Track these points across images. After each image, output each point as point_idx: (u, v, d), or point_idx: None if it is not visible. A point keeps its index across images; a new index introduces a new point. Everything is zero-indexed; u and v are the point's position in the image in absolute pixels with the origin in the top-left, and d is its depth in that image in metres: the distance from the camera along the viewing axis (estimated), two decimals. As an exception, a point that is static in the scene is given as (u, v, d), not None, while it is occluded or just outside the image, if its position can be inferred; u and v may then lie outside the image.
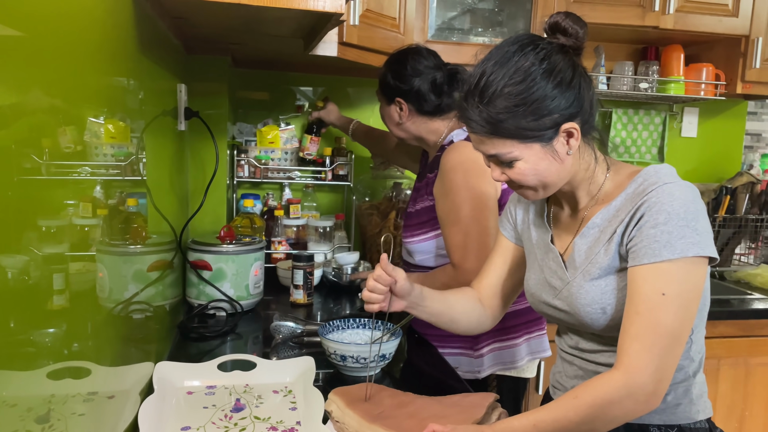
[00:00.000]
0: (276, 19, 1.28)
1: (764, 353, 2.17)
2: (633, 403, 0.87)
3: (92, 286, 0.90)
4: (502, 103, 0.92)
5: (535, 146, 0.95)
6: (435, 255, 1.61)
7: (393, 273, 1.07)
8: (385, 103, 1.65)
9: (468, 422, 0.96)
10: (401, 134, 1.65)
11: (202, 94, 1.91)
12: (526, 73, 0.92)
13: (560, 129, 0.94)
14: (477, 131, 0.96)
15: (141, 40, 1.13)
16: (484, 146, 0.98)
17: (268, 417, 1.11)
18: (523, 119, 0.92)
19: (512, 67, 0.93)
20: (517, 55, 0.93)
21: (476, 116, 0.95)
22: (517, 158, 0.95)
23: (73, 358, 0.80)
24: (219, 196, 1.98)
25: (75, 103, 0.78)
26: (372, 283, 1.08)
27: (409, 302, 1.11)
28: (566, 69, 0.94)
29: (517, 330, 1.60)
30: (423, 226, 1.61)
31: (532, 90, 0.92)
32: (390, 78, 1.60)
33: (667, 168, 0.98)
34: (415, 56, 1.58)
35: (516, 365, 1.61)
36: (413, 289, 1.12)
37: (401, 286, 1.09)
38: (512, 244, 1.19)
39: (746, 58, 2.35)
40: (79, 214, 0.85)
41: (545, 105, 0.92)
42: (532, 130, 0.93)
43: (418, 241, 1.62)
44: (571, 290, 1.01)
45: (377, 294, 1.08)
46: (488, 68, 0.94)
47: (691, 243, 0.89)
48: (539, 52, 0.94)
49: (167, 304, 1.52)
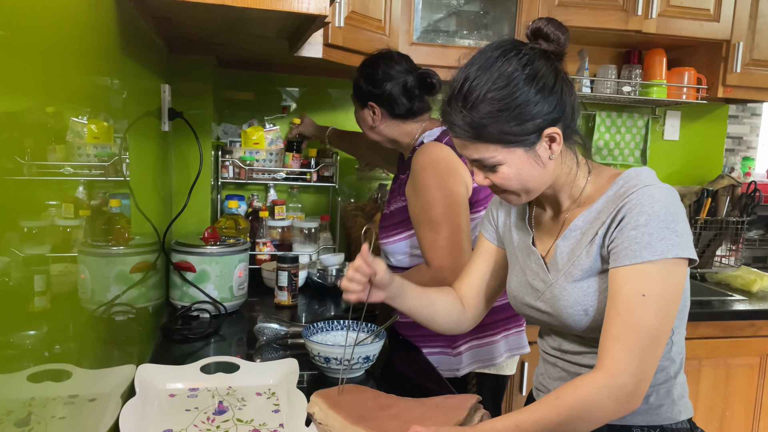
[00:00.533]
0: (260, 20, 1.28)
1: (745, 354, 2.20)
2: (614, 404, 0.88)
3: (74, 287, 0.89)
4: (486, 108, 0.93)
5: (518, 151, 0.95)
6: (409, 255, 1.62)
7: (373, 264, 1.07)
8: (358, 107, 1.67)
9: (450, 424, 0.96)
10: (375, 137, 1.67)
11: (187, 94, 1.90)
12: (509, 79, 0.93)
13: (543, 134, 0.95)
14: (460, 136, 0.97)
15: (123, 40, 1.12)
16: (467, 151, 0.98)
17: (251, 419, 1.11)
18: (506, 124, 0.93)
19: (495, 73, 0.93)
20: (500, 60, 0.94)
21: (460, 121, 0.95)
22: (501, 163, 0.96)
23: (53, 361, 0.79)
24: (203, 197, 1.97)
25: (56, 103, 0.78)
26: (351, 273, 1.08)
27: (388, 293, 1.11)
28: (548, 74, 0.95)
29: (495, 327, 1.61)
30: (397, 226, 1.62)
31: (515, 95, 0.92)
32: (363, 82, 1.61)
33: (647, 171, 0.99)
34: (387, 61, 1.59)
35: (495, 362, 1.61)
36: (393, 280, 1.12)
37: (381, 277, 1.08)
38: (494, 246, 1.20)
39: (727, 62, 2.38)
40: (62, 214, 0.84)
41: (528, 110, 0.93)
42: (515, 134, 0.94)
43: (393, 242, 1.63)
44: (553, 292, 1.02)
45: (356, 284, 1.08)
46: (471, 73, 0.95)
47: (671, 245, 0.90)
48: (522, 58, 0.94)
49: (150, 306, 1.51)
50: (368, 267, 1.07)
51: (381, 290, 1.10)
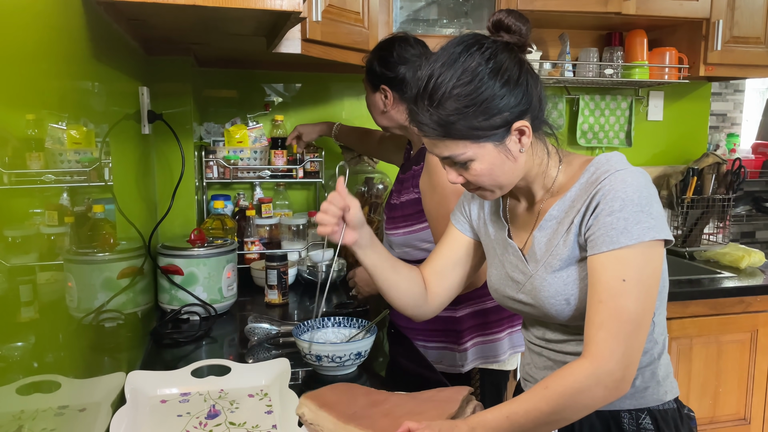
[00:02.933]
0: (235, 19, 1.26)
1: (735, 330, 2.22)
2: (602, 390, 0.88)
3: (61, 296, 0.88)
4: (452, 105, 0.92)
5: (488, 146, 0.95)
6: (417, 249, 1.60)
7: (347, 198, 1.08)
8: (370, 90, 1.64)
9: (442, 417, 0.96)
10: (385, 122, 1.64)
11: (166, 95, 1.88)
12: (474, 74, 0.92)
13: (512, 128, 0.95)
14: (429, 134, 0.96)
15: (95, 43, 1.10)
16: (437, 149, 0.98)
17: (244, 422, 1.10)
18: (474, 119, 0.92)
19: (459, 68, 0.93)
20: (463, 55, 0.93)
21: (427, 119, 0.94)
22: (471, 159, 0.96)
23: (42, 372, 0.79)
24: (188, 199, 1.95)
25: (29, 110, 0.76)
26: (325, 205, 1.09)
27: (360, 237, 1.12)
28: (512, 67, 0.94)
29: (500, 324, 1.61)
30: (408, 218, 1.60)
31: (481, 90, 0.92)
32: (376, 65, 1.59)
33: (618, 155, 0.99)
34: (402, 44, 1.57)
35: (498, 359, 1.62)
36: (364, 225, 1.13)
37: (354, 214, 1.09)
38: (463, 236, 1.19)
39: (708, 40, 2.39)
40: (46, 222, 0.84)
41: (495, 104, 0.92)
42: (483, 129, 0.93)
43: (402, 234, 1.61)
44: (534, 283, 1.02)
45: (330, 216, 1.08)
46: (436, 70, 0.94)
47: (647, 228, 0.90)
48: (485, 52, 0.94)
49: (139, 311, 1.50)
50: (342, 200, 1.07)
51: (353, 231, 1.11)
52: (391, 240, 1.65)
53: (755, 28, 2.43)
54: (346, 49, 1.84)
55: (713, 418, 2.23)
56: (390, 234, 1.64)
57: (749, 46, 2.43)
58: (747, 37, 2.42)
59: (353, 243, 1.12)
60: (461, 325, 1.59)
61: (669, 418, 1.04)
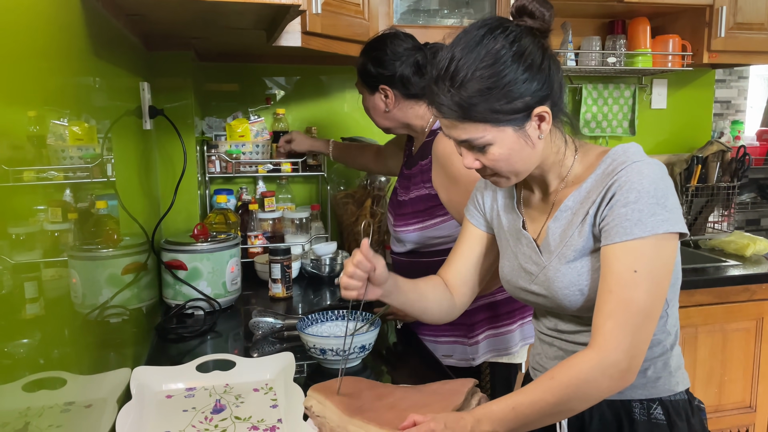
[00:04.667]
0: (234, 13, 1.26)
1: (740, 319, 2.21)
2: (608, 381, 0.88)
3: (66, 292, 0.88)
4: (474, 86, 0.91)
5: (508, 130, 0.94)
6: (430, 243, 1.57)
7: (373, 260, 1.05)
8: (368, 93, 1.60)
9: (448, 409, 0.96)
10: (388, 123, 1.61)
11: (167, 90, 1.87)
12: (497, 56, 0.91)
13: (532, 113, 0.94)
14: (448, 116, 0.95)
15: (94, 39, 1.10)
16: (456, 131, 0.97)
17: (249, 416, 1.11)
18: (495, 102, 0.91)
19: (482, 51, 0.92)
20: (487, 38, 0.92)
21: (447, 100, 0.93)
22: (490, 143, 0.95)
23: (48, 369, 0.79)
24: (190, 194, 1.95)
25: (29, 106, 0.76)
26: (351, 269, 1.04)
27: (384, 291, 1.10)
28: (536, 52, 0.93)
29: (512, 316, 1.60)
30: (420, 215, 1.56)
31: (504, 73, 0.91)
32: (371, 66, 1.55)
33: (635, 146, 0.98)
34: (394, 40, 1.54)
35: (510, 351, 1.60)
36: (389, 277, 1.10)
37: (380, 273, 1.05)
38: (480, 231, 1.19)
39: (711, 27, 2.36)
40: (50, 219, 0.84)
41: (517, 88, 0.91)
42: (504, 113, 0.92)
43: (414, 230, 1.57)
44: (547, 274, 1.02)
45: (356, 281, 1.05)
46: (457, 52, 0.93)
47: (661, 220, 0.90)
48: (509, 35, 0.93)
49: (144, 307, 1.51)
50: (369, 263, 1.04)
51: (378, 287, 1.08)
52: (401, 237, 1.61)
53: (759, 14, 2.40)
54: (347, 41, 1.83)
55: (719, 406, 2.23)
56: (400, 231, 1.60)
57: (753, 32, 2.41)
58: (751, 23, 2.40)
59: (378, 297, 1.09)
60: (472, 318, 1.57)
61: (680, 409, 1.03)
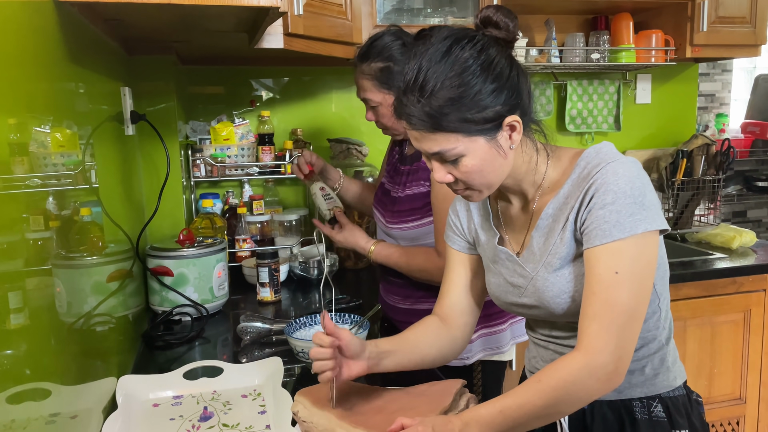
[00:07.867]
0: (214, 16, 1.24)
1: (728, 311, 2.22)
2: (596, 383, 0.88)
3: (50, 301, 0.87)
4: (444, 95, 0.90)
5: (480, 140, 0.93)
6: (423, 242, 1.55)
7: (335, 332, 0.97)
8: (387, 94, 1.50)
9: (436, 411, 0.96)
10: (396, 125, 1.55)
11: (149, 94, 1.86)
12: (465, 66, 0.90)
13: (503, 123, 0.93)
14: (419, 127, 0.93)
15: (72, 45, 1.08)
16: (427, 143, 0.94)
17: (237, 423, 1.10)
18: (466, 111, 0.90)
19: (450, 60, 0.91)
20: (454, 48, 0.92)
21: (418, 111, 0.92)
22: (462, 153, 0.93)
23: (32, 380, 0.78)
24: (175, 199, 1.93)
25: (8, 114, 0.75)
26: (314, 351, 0.97)
27: (369, 362, 1.02)
28: (503, 61, 0.93)
29: (503, 316, 1.60)
30: (415, 212, 1.54)
31: (473, 82, 0.90)
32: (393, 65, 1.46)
33: (607, 146, 0.98)
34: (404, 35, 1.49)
35: (501, 350, 1.61)
36: (365, 346, 1.01)
37: (347, 343, 0.98)
38: (464, 255, 1.16)
39: (693, 22, 2.38)
40: (32, 227, 0.82)
41: (486, 97, 0.91)
42: (475, 122, 0.91)
43: (411, 228, 1.54)
44: (536, 285, 1.01)
45: (323, 363, 0.97)
46: (425, 63, 0.92)
47: (639, 219, 0.90)
48: (475, 44, 0.92)
49: (130, 314, 1.49)
50: (329, 339, 0.97)
51: (357, 360, 1.00)
52: (394, 234, 1.58)
53: (741, 7, 2.42)
54: (330, 42, 1.82)
55: (709, 398, 2.24)
56: (394, 228, 1.57)
57: (735, 26, 2.42)
58: (733, 17, 2.41)
59: (365, 373, 1.02)
60: None
61: (680, 405, 1.04)
